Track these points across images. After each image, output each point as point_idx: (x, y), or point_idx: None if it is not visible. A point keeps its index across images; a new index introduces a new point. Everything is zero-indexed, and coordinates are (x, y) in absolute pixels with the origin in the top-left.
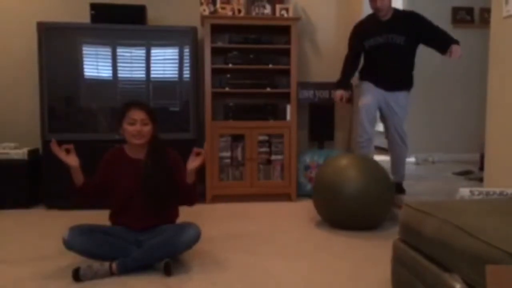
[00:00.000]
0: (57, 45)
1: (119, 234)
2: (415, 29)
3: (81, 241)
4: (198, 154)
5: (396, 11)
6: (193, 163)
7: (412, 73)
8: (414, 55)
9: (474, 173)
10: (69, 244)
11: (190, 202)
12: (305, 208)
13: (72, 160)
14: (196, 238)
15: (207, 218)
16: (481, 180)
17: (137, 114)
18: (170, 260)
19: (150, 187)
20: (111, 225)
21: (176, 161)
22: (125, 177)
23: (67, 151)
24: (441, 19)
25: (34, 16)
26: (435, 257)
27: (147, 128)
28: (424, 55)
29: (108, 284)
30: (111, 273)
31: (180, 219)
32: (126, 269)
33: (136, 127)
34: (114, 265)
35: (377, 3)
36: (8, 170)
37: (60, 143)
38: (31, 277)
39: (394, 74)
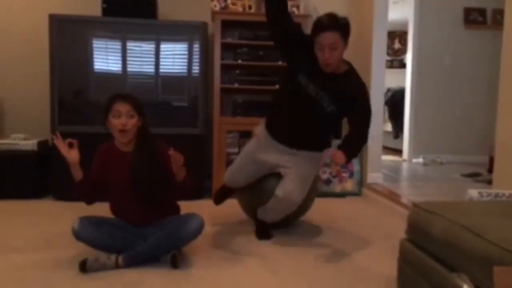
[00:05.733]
0: (68, 37)
1: (126, 227)
2: (349, 101)
3: (91, 231)
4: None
5: (350, 72)
6: (173, 165)
7: (330, 138)
8: (333, 129)
9: (482, 175)
10: (78, 234)
11: (182, 197)
12: (313, 206)
13: (72, 156)
14: (200, 228)
15: (213, 214)
16: (489, 182)
17: (122, 106)
18: (177, 252)
19: (139, 180)
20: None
21: (165, 153)
22: (116, 171)
23: (70, 145)
24: (453, 20)
25: (46, 8)
26: (443, 258)
27: (133, 121)
28: (433, 56)
29: (114, 276)
30: (117, 266)
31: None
32: (132, 262)
33: (121, 120)
34: (120, 258)
35: (325, 54)
36: (18, 161)
37: (68, 135)
38: (38, 266)
39: (305, 138)
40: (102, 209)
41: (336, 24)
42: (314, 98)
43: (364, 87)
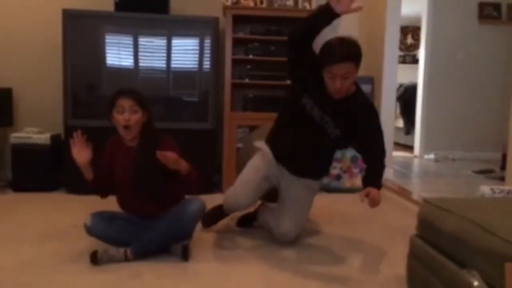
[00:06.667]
0: (81, 32)
1: (136, 221)
2: (357, 123)
3: (103, 227)
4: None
5: (356, 93)
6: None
7: (329, 165)
8: (333, 154)
9: (495, 172)
10: (91, 230)
11: (188, 190)
12: (320, 201)
13: (82, 159)
14: (201, 209)
15: None
16: (502, 179)
17: (125, 102)
18: (188, 244)
19: (141, 176)
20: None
21: (169, 148)
22: (121, 166)
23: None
24: (467, 15)
25: (60, 3)
26: (453, 254)
27: (137, 116)
28: (446, 51)
29: (124, 268)
30: (126, 259)
31: None
32: (141, 253)
33: (125, 116)
34: (128, 251)
35: (336, 83)
36: (31, 154)
37: (82, 129)
38: (49, 258)
39: (307, 162)
40: (114, 203)
41: (350, 55)
42: (318, 123)
43: (373, 108)
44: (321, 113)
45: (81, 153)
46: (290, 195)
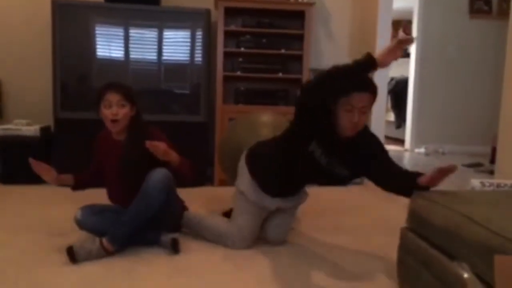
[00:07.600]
0: (70, 23)
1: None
2: (366, 159)
3: (94, 220)
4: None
5: (364, 129)
6: (157, 154)
7: None
8: None
9: (484, 165)
10: (81, 224)
11: (180, 182)
12: (310, 195)
13: (50, 177)
14: (164, 176)
15: (215, 201)
16: (491, 172)
17: (113, 96)
18: (178, 236)
19: (128, 169)
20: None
21: (158, 140)
22: (109, 159)
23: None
24: (458, 9)
25: None
26: (443, 247)
27: (124, 110)
28: (437, 45)
29: (114, 262)
30: (104, 249)
31: (188, 200)
32: (117, 239)
33: (112, 110)
34: (104, 240)
35: (354, 117)
36: (20, 146)
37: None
38: (37, 250)
39: (298, 189)
40: (103, 196)
41: (372, 85)
42: (325, 167)
43: (377, 139)
44: (329, 158)
45: (47, 175)
46: (274, 212)
